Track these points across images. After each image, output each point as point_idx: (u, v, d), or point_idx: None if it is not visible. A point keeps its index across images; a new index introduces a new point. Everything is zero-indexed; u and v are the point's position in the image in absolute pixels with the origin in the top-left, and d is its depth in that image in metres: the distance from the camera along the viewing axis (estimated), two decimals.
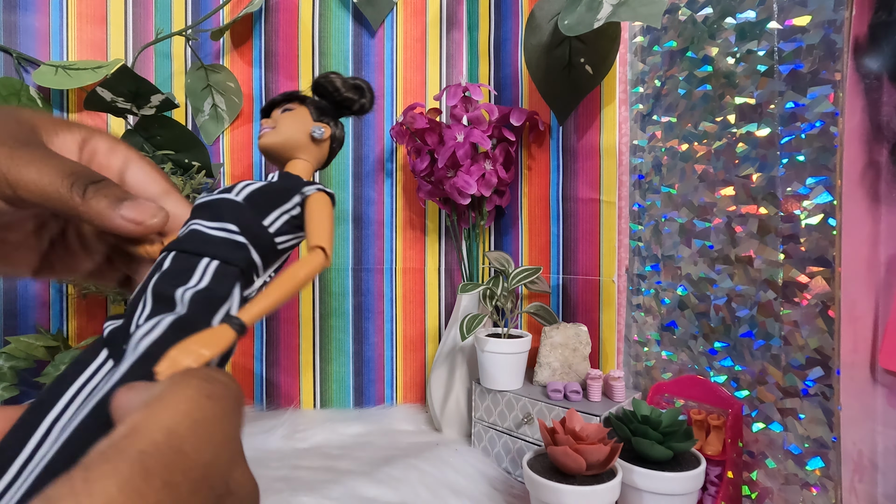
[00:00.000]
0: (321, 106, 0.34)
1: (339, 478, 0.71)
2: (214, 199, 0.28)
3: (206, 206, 0.27)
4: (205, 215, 0.27)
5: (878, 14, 0.50)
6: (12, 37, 0.88)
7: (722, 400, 0.65)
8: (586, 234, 0.83)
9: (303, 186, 0.29)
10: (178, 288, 0.23)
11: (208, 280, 0.24)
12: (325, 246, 0.28)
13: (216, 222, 0.26)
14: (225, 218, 0.26)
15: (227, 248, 0.26)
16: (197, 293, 0.23)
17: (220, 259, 0.25)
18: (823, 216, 0.57)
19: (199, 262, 0.25)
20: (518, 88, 0.94)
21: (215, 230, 0.26)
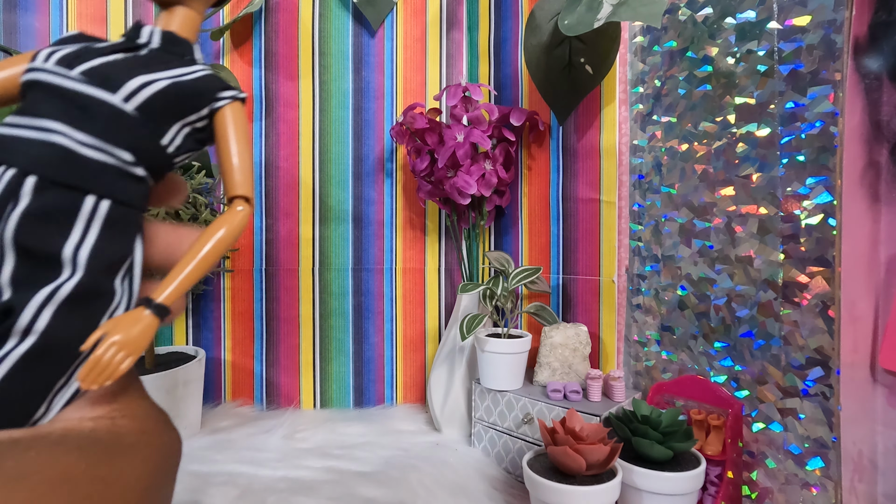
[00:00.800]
0: None
1: (339, 478, 0.71)
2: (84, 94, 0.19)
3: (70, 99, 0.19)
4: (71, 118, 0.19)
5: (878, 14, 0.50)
6: (12, 37, 0.88)
7: (722, 400, 0.65)
8: (586, 234, 0.83)
9: (215, 91, 0.23)
10: (65, 244, 0.18)
11: (100, 228, 0.19)
12: (249, 195, 0.22)
13: (95, 138, 0.19)
14: (110, 136, 0.20)
15: (119, 181, 0.20)
16: (95, 252, 0.19)
17: (111, 198, 0.19)
18: (823, 216, 0.57)
19: (83, 201, 0.19)
20: (518, 88, 0.94)
21: (95, 151, 0.19)
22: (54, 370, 0.18)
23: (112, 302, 0.20)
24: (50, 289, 0.18)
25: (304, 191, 0.98)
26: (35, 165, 0.18)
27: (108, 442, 0.18)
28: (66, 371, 0.18)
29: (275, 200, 0.97)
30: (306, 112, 0.98)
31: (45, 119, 0.19)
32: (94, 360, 0.18)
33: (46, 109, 0.19)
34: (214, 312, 0.98)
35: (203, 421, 0.89)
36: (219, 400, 0.98)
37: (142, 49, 0.23)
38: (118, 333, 0.18)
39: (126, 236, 0.20)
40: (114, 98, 0.20)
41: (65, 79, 0.19)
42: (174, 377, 0.81)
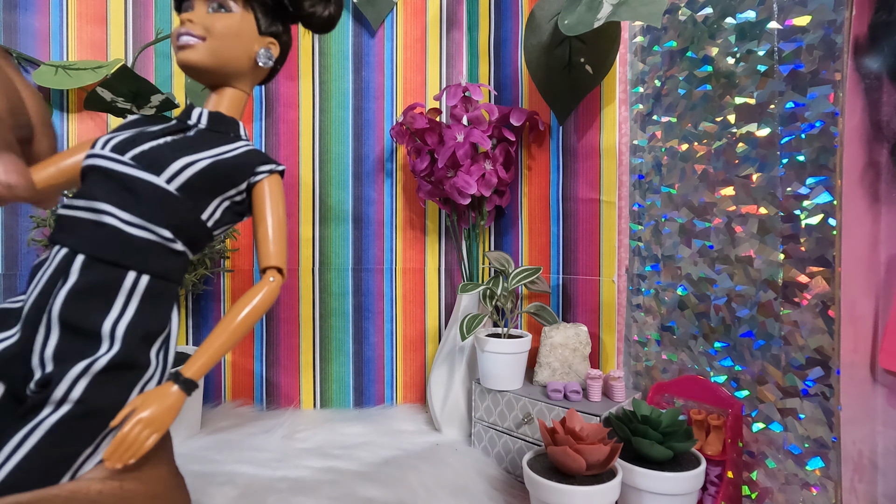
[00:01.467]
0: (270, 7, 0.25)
1: (339, 478, 0.71)
2: (133, 177, 0.20)
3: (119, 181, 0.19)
4: (116, 199, 0.20)
5: (878, 14, 0.50)
6: (12, 37, 0.88)
7: (722, 400, 0.65)
8: (586, 234, 0.83)
9: (254, 166, 0.23)
10: (105, 319, 0.19)
11: (138, 303, 0.19)
12: (282, 265, 0.23)
13: (139, 218, 0.20)
14: (153, 216, 0.20)
15: (159, 257, 0.20)
16: (132, 326, 0.19)
17: (151, 273, 0.20)
18: (823, 216, 0.57)
19: (124, 277, 0.19)
20: (518, 88, 0.94)
21: (139, 230, 0.20)
22: (85, 438, 0.19)
23: (146, 372, 0.21)
24: (87, 362, 0.19)
25: (304, 191, 0.98)
26: (84, 244, 0.20)
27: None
28: (95, 439, 0.19)
29: None
30: (306, 112, 0.98)
31: (97, 202, 0.20)
32: (121, 438, 0.18)
33: (99, 192, 0.20)
34: (214, 312, 0.98)
35: (203, 421, 0.89)
36: (219, 400, 0.98)
37: (190, 130, 0.24)
38: (146, 409, 0.19)
39: (163, 309, 0.21)
40: (158, 180, 0.21)
41: (117, 163, 0.21)
42: None
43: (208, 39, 0.24)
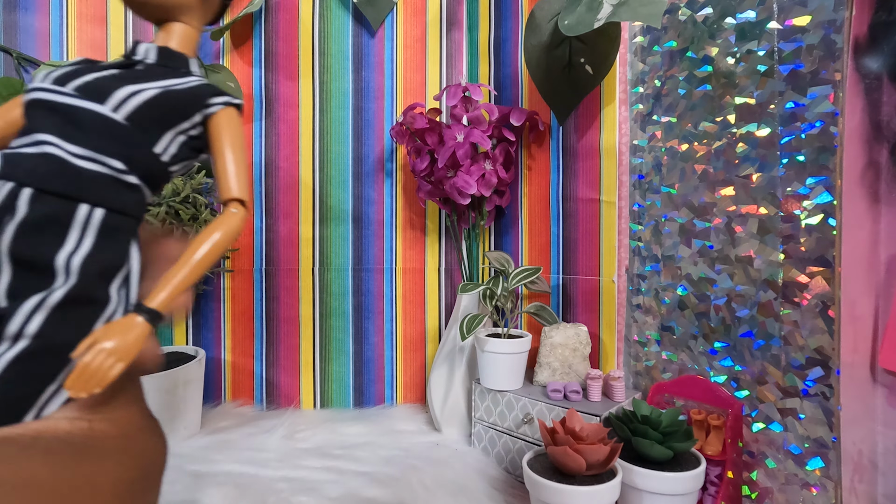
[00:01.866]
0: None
1: (339, 478, 0.71)
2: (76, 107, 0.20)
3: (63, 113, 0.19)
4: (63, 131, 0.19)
5: (878, 14, 0.50)
6: (12, 37, 0.88)
7: (722, 400, 0.65)
8: (586, 234, 0.83)
9: (206, 97, 0.23)
10: (58, 252, 0.18)
11: (94, 237, 0.19)
12: (244, 197, 0.23)
13: (86, 149, 0.20)
14: (101, 146, 0.20)
15: (112, 189, 0.20)
16: (88, 260, 0.19)
17: (105, 206, 0.20)
18: (823, 216, 0.57)
19: (76, 210, 0.19)
20: (518, 88, 0.94)
21: (87, 161, 0.19)
22: (45, 374, 0.18)
23: (106, 309, 0.20)
24: (41, 296, 0.18)
25: (304, 191, 0.98)
26: (30, 177, 0.19)
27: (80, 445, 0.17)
28: (56, 375, 0.19)
29: (275, 200, 0.97)
30: (306, 112, 0.98)
31: (41, 133, 0.20)
32: (82, 368, 0.18)
33: (42, 125, 0.20)
34: (214, 312, 0.98)
35: (203, 421, 0.89)
36: (219, 400, 0.98)
37: (138, 65, 0.24)
38: (109, 340, 0.19)
39: (120, 244, 0.20)
40: (103, 108, 0.20)
41: (58, 94, 0.20)
42: (174, 377, 0.81)
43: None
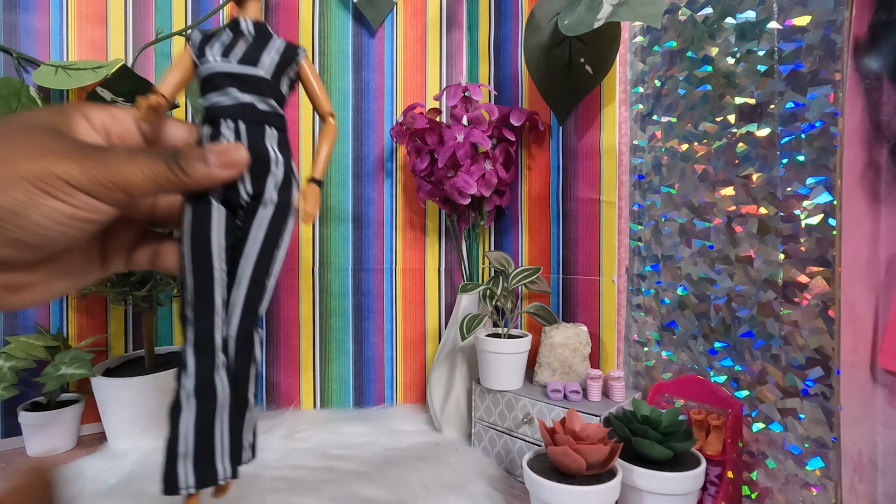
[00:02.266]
0: None
1: (339, 478, 0.71)
2: (248, 75, 0.33)
3: (239, 78, 0.33)
4: (242, 88, 0.33)
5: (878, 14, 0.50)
6: (12, 37, 0.88)
7: (722, 400, 0.65)
8: (586, 234, 0.83)
9: (296, 53, 0.35)
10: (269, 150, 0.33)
11: (277, 145, 0.33)
12: (332, 111, 0.37)
13: (258, 96, 0.33)
14: (264, 93, 0.33)
15: (277, 119, 0.34)
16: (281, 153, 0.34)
17: (274, 126, 0.34)
18: (823, 216, 0.57)
19: (265, 130, 0.33)
20: (518, 88, 0.94)
21: (261, 103, 0.33)
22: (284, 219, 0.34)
23: (294, 182, 0.34)
24: (272, 177, 0.33)
25: None
26: (242, 116, 0.32)
27: None
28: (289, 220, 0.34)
29: None
30: (306, 112, 0.98)
31: (231, 89, 0.32)
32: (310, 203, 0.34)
33: (228, 84, 0.32)
34: None
35: None
36: None
37: (245, 35, 0.35)
38: (309, 194, 0.34)
39: (287, 147, 0.34)
40: (259, 72, 0.33)
41: (231, 66, 0.33)
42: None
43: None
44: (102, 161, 0.26)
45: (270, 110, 0.33)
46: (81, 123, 0.30)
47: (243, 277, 0.32)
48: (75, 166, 0.25)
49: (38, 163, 0.25)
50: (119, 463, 0.75)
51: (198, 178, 0.29)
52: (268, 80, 0.33)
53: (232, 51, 0.34)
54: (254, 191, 0.33)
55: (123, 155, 0.27)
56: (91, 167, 0.26)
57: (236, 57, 0.33)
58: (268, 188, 0.32)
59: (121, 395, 0.79)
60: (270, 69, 0.33)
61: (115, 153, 0.27)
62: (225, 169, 0.30)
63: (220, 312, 0.31)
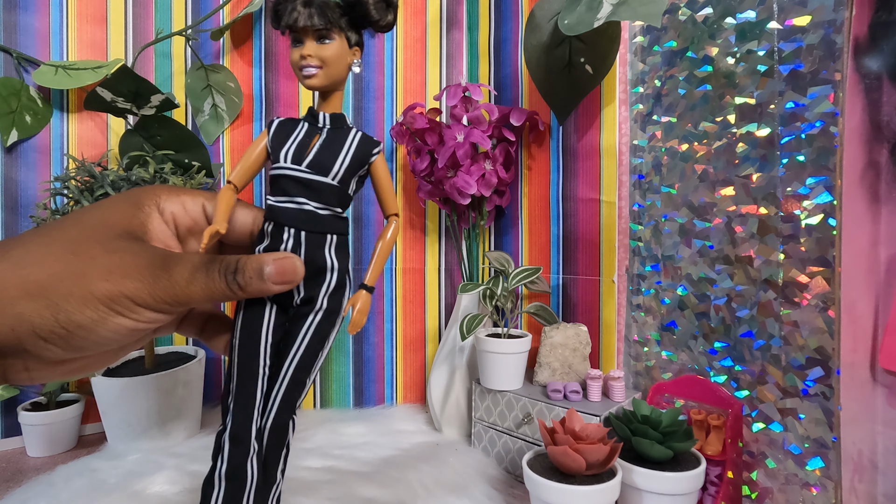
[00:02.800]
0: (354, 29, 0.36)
1: (339, 478, 0.71)
2: (316, 182, 0.33)
3: (307, 185, 0.33)
4: (307, 194, 0.33)
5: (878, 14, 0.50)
6: (12, 37, 0.88)
7: (722, 400, 0.65)
8: (586, 234, 0.83)
9: (370, 152, 0.35)
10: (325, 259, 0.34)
11: (335, 249, 0.34)
12: (398, 212, 0.39)
13: (322, 203, 0.34)
14: (329, 200, 0.34)
15: (337, 222, 0.34)
16: (338, 261, 0.34)
17: (336, 233, 0.34)
18: (823, 216, 0.57)
19: (325, 238, 0.34)
20: (518, 88, 0.94)
21: (324, 210, 0.34)
22: (332, 324, 0.35)
23: (348, 287, 0.36)
24: (325, 285, 0.34)
25: None
26: (303, 225, 0.33)
27: None
28: (336, 324, 0.35)
29: None
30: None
31: (297, 196, 0.33)
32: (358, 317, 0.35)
33: (294, 190, 0.33)
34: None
35: (203, 421, 0.89)
36: (219, 400, 0.98)
37: (322, 130, 0.35)
38: (358, 301, 0.35)
39: (345, 251, 0.35)
40: (327, 179, 0.34)
41: (300, 172, 0.33)
42: (174, 377, 0.81)
43: (324, 67, 0.34)
44: (168, 279, 0.28)
45: (332, 215, 0.34)
46: (154, 220, 0.32)
47: (286, 375, 0.33)
48: (144, 287, 0.28)
49: (110, 283, 0.27)
50: (119, 463, 0.75)
51: (254, 292, 0.30)
52: (335, 188, 0.34)
53: (305, 152, 0.34)
54: (306, 295, 0.33)
55: (187, 272, 0.29)
56: (157, 288, 0.28)
57: (308, 160, 0.33)
58: (320, 296, 0.34)
59: (121, 395, 0.79)
60: (340, 174, 0.34)
61: (180, 270, 0.29)
62: (281, 284, 0.31)
63: (258, 406, 0.33)
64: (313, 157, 0.33)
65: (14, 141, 0.87)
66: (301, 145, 0.34)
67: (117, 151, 0.89)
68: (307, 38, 0.34)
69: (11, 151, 0.88)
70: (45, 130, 0.90)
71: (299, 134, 0.35)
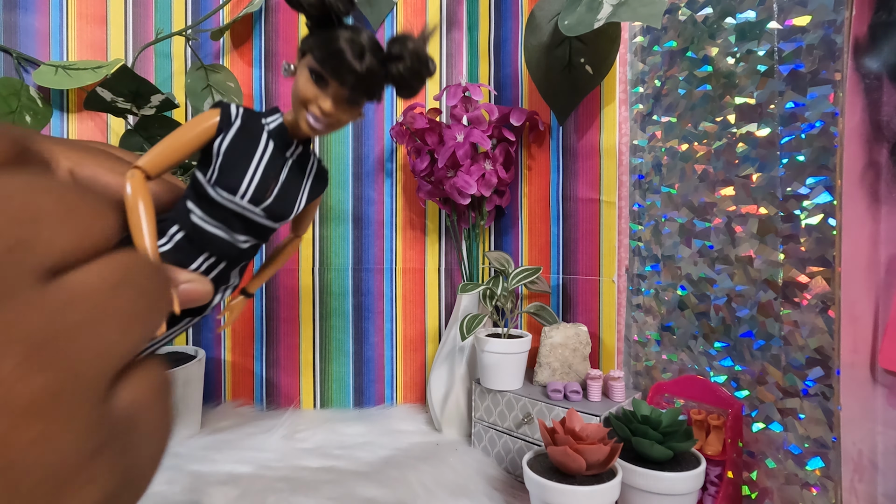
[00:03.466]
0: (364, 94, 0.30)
1: (339, 478, 0.71)
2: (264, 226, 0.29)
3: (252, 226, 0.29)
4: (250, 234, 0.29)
5: (878, 14, 0.50)
6: (12, 37, 0.88)
7: (722, 400, 0.65)
8: (586, 234, 0.83)
9: (321, 191, 0.32)
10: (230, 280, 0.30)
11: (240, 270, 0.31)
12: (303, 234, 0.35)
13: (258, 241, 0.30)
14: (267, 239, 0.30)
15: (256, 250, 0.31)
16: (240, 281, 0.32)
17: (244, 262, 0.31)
18: (823, 216, 0.57)
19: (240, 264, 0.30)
20: (518, 88, 0.94)
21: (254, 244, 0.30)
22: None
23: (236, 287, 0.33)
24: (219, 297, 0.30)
25: None
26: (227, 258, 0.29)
27: None
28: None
29: None
30: None
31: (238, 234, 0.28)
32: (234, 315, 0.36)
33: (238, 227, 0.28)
34: (214, 312, 0.98)
35: (203, 421, 0.89)
36: (219, 400, 0.98)
37: (288, 161, 0.30)
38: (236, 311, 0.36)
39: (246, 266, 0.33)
40: (277, 225, 0.29)
41: (254, 215, 0.28)
42: (174, 377, 0.81)
43: (333, 124, 0.29)
44: None
45: (257, 244, 0.30)
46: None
47: None
48: None
49: None
50: None
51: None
52: (274, 230, 0.30)
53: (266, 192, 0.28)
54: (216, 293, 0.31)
55: None
56: None
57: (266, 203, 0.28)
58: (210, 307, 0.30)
59: None
60: (291, 218, 0.30)
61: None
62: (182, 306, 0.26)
63: None
64: (272, 202, 0.28)
65: None
66: (264, 179, 0.28)
67: None
68: (337, 91, 0.28)
69: None
70: (45, 130, 0.90)
71: (263, 158, 0.28)
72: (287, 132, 0.30)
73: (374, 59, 0.26)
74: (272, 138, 0.29)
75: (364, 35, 0.27)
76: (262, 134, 0.29)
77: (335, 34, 0.26)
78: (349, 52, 0.26)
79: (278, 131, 0.30)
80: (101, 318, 0.13)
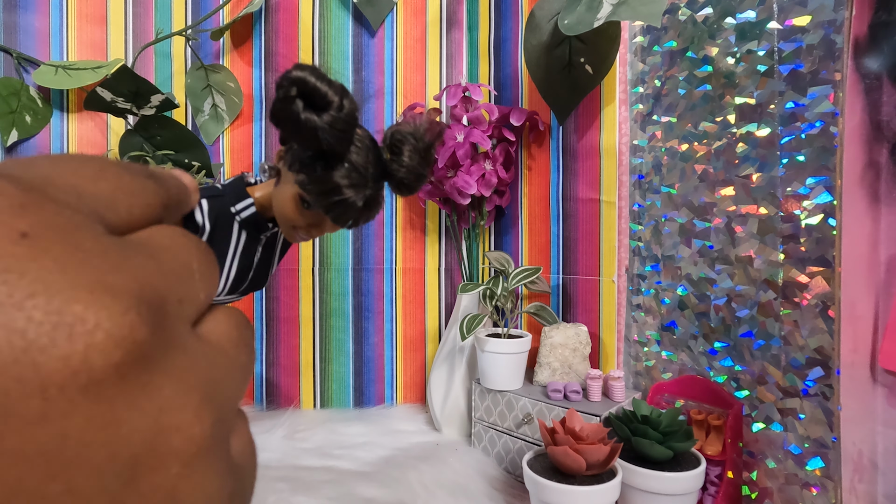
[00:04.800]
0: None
1: (339, 478, 0.71)
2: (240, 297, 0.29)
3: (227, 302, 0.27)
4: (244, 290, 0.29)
5: (878, 14, 0.50)
6: (12, 37, 0.88)
7: (722, 400, 0.65)
8: (586, 234, 0.83)
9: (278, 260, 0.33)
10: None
11: None
12: None
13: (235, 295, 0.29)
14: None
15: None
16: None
17: None
18: (823, 216, 0.57)
19: None
20: (518, 88, 0.94)
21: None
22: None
23: None
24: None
25: None
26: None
27: None
28: None
29: None
30: None
31: None
32: None
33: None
34: None
35: None
36: None
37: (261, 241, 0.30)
38: None
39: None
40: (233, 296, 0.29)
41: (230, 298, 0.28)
42: None
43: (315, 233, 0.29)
44: None
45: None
46: None
47: None
48: None
49: None
50: None
51: None
52: None
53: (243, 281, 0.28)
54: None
55: None
56: None
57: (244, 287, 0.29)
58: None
59: None
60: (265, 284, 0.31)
61: None
62: None
63: None
64: (248, 286, 0.29)
65: (14, 141, 0.87)
66: (240, 273, 0.28)
67: (117, 151, 0.89)
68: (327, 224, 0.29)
69: (11, 151, 0.88)
70: (45, 130, 0.90)
71: (237, 254, 0.28)
72: (260, 217, 0.29)
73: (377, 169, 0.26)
74: (244, 228, 0.28)
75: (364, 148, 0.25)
76: (233, 227, 0.28)
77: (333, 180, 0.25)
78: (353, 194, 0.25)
79: (251, 220, 0.29)
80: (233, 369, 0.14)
